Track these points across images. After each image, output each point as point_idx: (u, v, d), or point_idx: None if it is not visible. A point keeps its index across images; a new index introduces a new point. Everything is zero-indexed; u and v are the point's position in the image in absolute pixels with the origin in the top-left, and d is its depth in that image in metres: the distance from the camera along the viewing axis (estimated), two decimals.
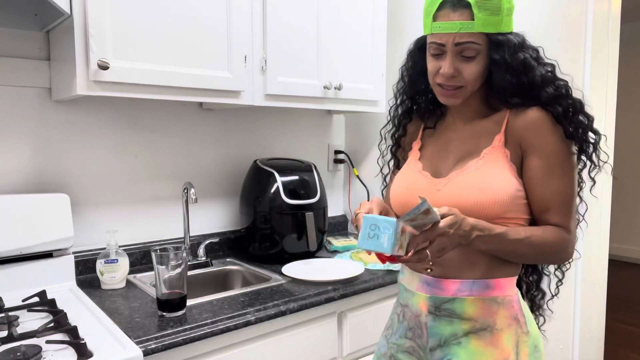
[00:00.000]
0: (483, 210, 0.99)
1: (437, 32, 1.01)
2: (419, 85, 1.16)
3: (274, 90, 1.61)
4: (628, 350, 3.12)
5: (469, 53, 1.00)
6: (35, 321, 1.17)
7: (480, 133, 1.08)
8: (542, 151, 1.01)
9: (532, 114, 1.02)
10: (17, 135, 1.45)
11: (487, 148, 1.04)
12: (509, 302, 1.03)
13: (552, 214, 1.02)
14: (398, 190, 1.13)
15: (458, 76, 1.02)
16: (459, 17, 0.98)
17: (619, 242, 5.21)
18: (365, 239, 0.87)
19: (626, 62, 4.28)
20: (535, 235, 0.99)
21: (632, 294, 4.21)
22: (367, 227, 0.86)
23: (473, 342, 1.02)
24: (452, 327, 1.04)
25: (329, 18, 1.73)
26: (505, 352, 1.00)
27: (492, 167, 1.02)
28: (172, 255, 1.19)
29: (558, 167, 1.01)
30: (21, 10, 1.27)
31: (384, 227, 0.85)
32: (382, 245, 0.85)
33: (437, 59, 1.04)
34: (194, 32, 1.41)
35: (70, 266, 1.45)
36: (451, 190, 1.03)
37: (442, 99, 1.07)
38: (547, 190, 1.01)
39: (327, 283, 1.46)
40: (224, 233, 1.88)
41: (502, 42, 1.00)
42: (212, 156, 1.85)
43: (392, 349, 1.14)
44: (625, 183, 5.16)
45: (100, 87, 1.27)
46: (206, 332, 1.16)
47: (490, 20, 0.98)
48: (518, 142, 1.03)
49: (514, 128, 1.04)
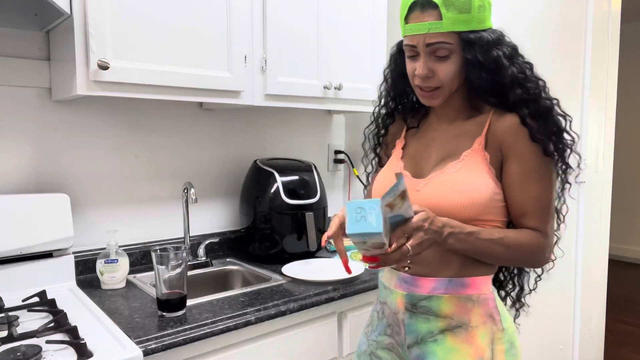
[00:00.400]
0: (460, 212, 1.00)
1: (409, 34, 1.03)
2: (401, 87, 1.18)
3: (274, 90, 1.61)
4: (628, 350, 3.12)
5: (442, 53, 1.01)
6: (35, 321, 1.17)
7: (462, 135, 1.08)
8: (521, 156, 1.02)
9: (512, 119, 1.03)
10: (17, 135, 1.45)
11: (467, 150, 1.05)
12: (484, 300, 1.05)
13: (529, 218, 1.03)
14: (379, 190, 1.14)
15: (433, 77, 1.03)
16: (427, 17, 0.99)
17: (619, 242, 5.21)
18: (353, 223, 0.85)
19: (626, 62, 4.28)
20: (509, 237, 1.00)
21: (632, 294, 4.21)
22: (353, 212, 0.86)
23: (449, 339, 1.03)
24: (429, 324, 1.05)
25: (329, 18, 1.73)
26: (480, 349, 1.02)
27: (471, 170, 1.02)
28: (172, 255, 1.19)
29: (535, 172, 1.02)
30: (21, 10, 1.27)
31: (369, 207, 0.85)
32: (371, 225, 0.84)
33: (412, 60, 1.06)
34: (194, 32, 1.41)
35: (70, 266, 1.46)
36: (430, 191, 1.04)
37: (423, 100, 1.08)
38: (525, 195, 1.02)
39: (327, 283, 1.46)
40: (224, 233, 1.88)
41: (474, 41, 1.00)
42: (212, 156, 1.85)
43: (372, 346, 1.15)
44: (625, 183, 5.16)
45: (100, 87, 1.27)
46: (206, 332, 1.16)
47: (460, 18, 0.99)
48: (498, 146, 1.04)
49: (495, 132, 1.04)
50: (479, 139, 1.05)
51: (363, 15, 1.83)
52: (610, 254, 2.78)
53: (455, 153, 1.07)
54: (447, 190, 1.02)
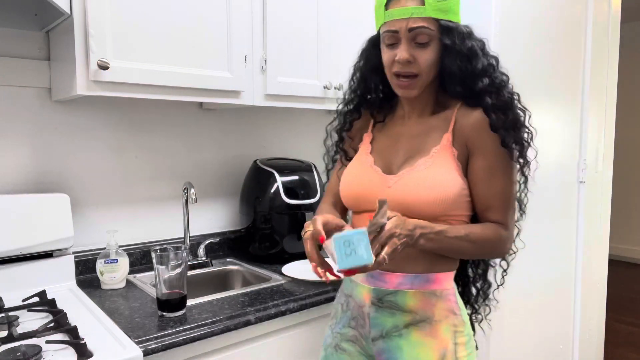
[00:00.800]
0: (431, 208, 1.03)
1: (390, 19, 1.04)
2: (371, 82, 1.18)
3: (274, 90, 1.61)
4: (628, 350, 3.12)
5: (423, 39, 1.03)
6: (35, 321, 1.17)
7: (430, 130, 1.11)
8: (486, 152, 1.05)
9: (478, 115, 1.06)
10: (17, 135, 1.45)
11: (436, 147, 1.08)
12: (447, 295, 1.08)
13: (492, 212, 1.07)
14: (350, 184, 1.14)
15: (414, 63, 1.04)
16: (410, 3, 1.02)
17: (619, 242, 5.21)
18: (343, 258, 0.86)
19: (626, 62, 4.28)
20: (474, 232, 1.04)
21: (632, 294, 4.21)
22: (341, 247, 0.86)
23: (414, 333, 1.06)
24: (394, 318, 1.07)
25: (329, 18, 1.73)
26: (444, 342, 1.05)
27: (441, 166, 1.05)
28: (172, 255, 1.19)
29: (500, 167, 1.06)
30: (21, 10, 1.27)
31: (357, 239, 0.85)
32: (362, 258, 0.85)
33: (392, 48, 1.06)
34: (194, 32, 1.41)
35: (70, 266, 1.46)
36: (401, 187, 1.06)
37: (399, 90, 1.09)
38: (490, 190, 1.06)
39: (327, 283, 1.46)
40: (224, 233, 1.88)
41: (452, 28, 1.04)
42: (212, 156, 1.85)
43: (337, 339, 1.16)
44: (625, 183, 5.16)
45: (100, 87, 1.27)
46: (206, 332, 1.16)
47: (440, 6, 1.02)
48: (465, 142, 1.07)
49: (462, 128, 1.08)
50: (446, 135, 1.08)
51: (363, 15, 1.83)
52: (610, 254, 2.78)
53: (424, 149, 1.09)
54: (418, 187, 1.04)
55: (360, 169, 1.15)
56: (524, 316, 2.06)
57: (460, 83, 1.08)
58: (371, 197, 1.09)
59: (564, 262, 2.29)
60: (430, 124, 1.12)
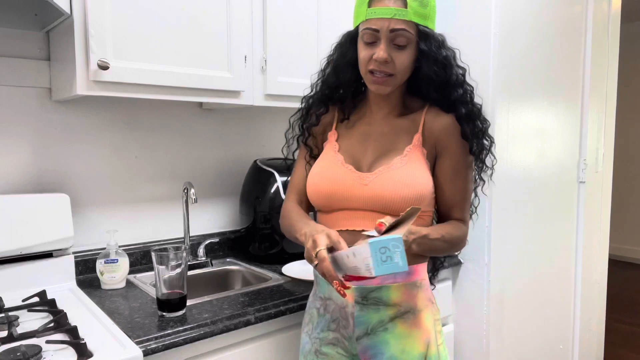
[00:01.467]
0: (407, 205, 1.05)
1: (373, 17, 1.05)
2: (345, 76, 1.17)
3: (274, 90, 1.61)
4: (628, 350, 3.12)
5: (401, 41, 1.04)
6: (35, 321, 1.17)
7: (399, 130, 1.14)
8: (454, 153, 1.11)
9: (448, 120, 1.11)
10: (17, 135, 1.45)
11: (409, 146, 1.11)
12: (425, 285, 1.13)
13: (456, 209, 1.15)
14: (321, 182, 1.14)
15: (390, 63, 1.06)
16: (393, 3, 1.03)
17: (619, 242, 5.21)
18: (380, 264, 0.84)
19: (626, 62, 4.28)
20: (448, 233, 1.10)
21: (632, 294, 4.21)
22: (377, 252, 0.84)
23: (399, 326, 1.08)
24: (379, 314, 1.09)
25: (329, 18, 1.72)
26: (427, 332, 1.09)
27: (415, 165, 1.09)
28: (172, 255, 1.19)
29: (463, 168, 1.13)
30: (21, 10, 1.27)
31: (394, 245, 0.84)
32: (398, 265, 0.84)
33: (370, 46, 1.07)
34: (194, 32, 1.41)
35: (70, 266, 1.46)
36: (379, 185, 1.07)
37: (373, 86, 1.10)
38: (455, 189, 1.13)
39: None
40: (224, 233, 1.88)
41: (430, 35, 1.06)
42: (212, 156, 1.85)
43: (316, 344, 1.16)
44: (625, 183, 5.16)
45: (100, 87, 1.27)
46: (206, 332, 1.16)
47: (420, 11, 1.04)
48: (434, 143, 1.12)
49: (431, 130, 1.12)
50: (417, 135, 1.12)
51: None
52: (610, 254, 2.78)
53: (395, 148, 1.11)
54: (396, 185, 1.06)
55: (331, 167, 1.14)
56: (524, 316, 2.06)
57: (435, 90, 1.11)
58: (346, 195, 1.10)
59: (564, 262, 2.29)
60: (398, 125, 1.15)
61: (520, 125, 1.94)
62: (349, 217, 1.11)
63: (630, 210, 5.21)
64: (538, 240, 2.10)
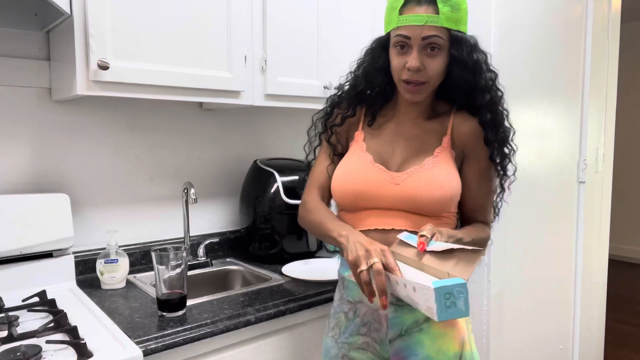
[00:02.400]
0: (438, 205, 1.06)
1: (404, 24, 1.04)
2: (376, 82, 1.17)
3: (274, 90, 1.61)
4: (628, 350, 3.12)
5: (433, 48, 1.04)
6: (35, 321, 1.17)
7: (428, 132, 1.14)
8: (481, 157, 1.12)
9: (475, 124, 1.11)
10: (17, 135, 1.45)
11: (439, 148, 1.11)
12: None
13: (480, 212, 1.16)
14: (350, 180, 1.13)
15: (423, 70, 1.05)
16: (425, 10, 1.03)
17: (619, 242, 5.21)
18: (444, 310, 0.82)
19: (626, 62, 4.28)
20: (478, 236, 1.10)
21: (632, 294, 4.21)
22: (442, 298, 0.82)
23: (434, 325, 1.07)
24: (414, 314, 1.08)
25: (329, 18, 1.73)
26: (461, 331, 1.08)
27: (445, 166, 1.09)
28: (172, 255, 1.19)
29: (488, 172, 1.14)
30: (21, 10, 1.27)
31: (458, 292, 0.82)
32: (461, 311, 0.82)
33: (402, 53, 1.07)
34: (194, 32, 1.41)
35: (70, 266, 1.46)
36: (411, 185, 1.07)
37: (407, 94, 1.10)
38: (480, 192, 1.15)
39: (327, 283, 1.46)
40: (224, 233, 1.88)
41: (462, 40, 1.05)
42: (212, 156, 1.85)
43: (344, 348, 1.15)
44: (625, 183, 5.16)
45: (100, 87, 1.27)
46: (206, 332, 1.16)
47: (452, 16, 1.03)
48: (462, 147, 1.12)
49: (459, 133, 1.12)
50: (446, 138, 1.12)
51: (363, 15, 1.83)
52: (610, 254, 2.78)
53: (426, 149, 1.12)
54: (429, 185, 1.06)
55: (360, 166, 1.13)
56: (524, 316, 2.06)
57: (463, 94, 1.11)
58: (376, 194, 1.09)
59: (564, 262, 2.29)
60: (427, 127, 1.15)
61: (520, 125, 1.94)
62: (377, 216, 1.10)
63: (630, 210, 5.21)
64: (538, 240, 2.10)
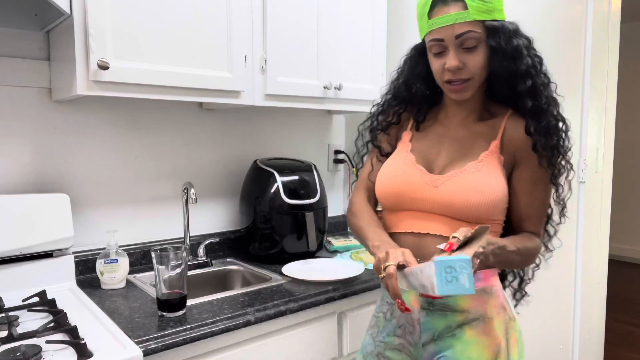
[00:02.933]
0: (477, 211, 1.03)
1: (435, 27, 1.02)
2: (417, 89, 1.17)
3: (274, 90, 1.61)
4: (628, 350, 3.12)
5: (470, 43, 1.02)
6: (35, 321, 1.17)
7: (476, 135, 1.11)
8: (533, 164, 1.07)
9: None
10: (17, 135, 1.45)
11: (485, 152, 1.07)
12: (496, 292, 1.09)
13: (531, 222, 1.11)
14: (390, 181, 1.13)
15: (464, 68, 1.03)
16: (453, 9, 1.01)
17: (619, 242, 5.21)
18: (444, 284, 0.82)
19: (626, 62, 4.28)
20: (524, 246, 1.06)
21: (632, 294, 4.21)
22: (442, 272, 0.82)
23: (467, 332, 1.05)
24: (446, 320, 1.06)
25: (329, 18, 1.73)
26: (497, 339, 1.05)
27: (490, 171, 1.05)
28: (172, 255, 1.19)
29: (542, 180, 1.09)
30: (21, 10, 1.27)
31: (460, 267, 0.81)
32: (464, 287, 0.82)
33: (440, 56, 1.05)
34: (194, 32, 1.41)
35: (70, 266, 1.46)
36: (450, 188, 1.05)
37: (453, 95, 1.08)
38: (532, 201, 1.09)
39: (327, 283, 1.46)
40: (224, 233, 1.88)
41: (498, 28, 1.02)
42: (212, 156, 1.85)
43: (380, 347, 1.15)
44: (625, 183, 5.16)
45: (100, 87, 1.27)
46: (206, 332, 1.16)
47: (483, 7, 1.01)
48: (513, 152, 1.08)
49: (511, 138, 1.08)
50: (495, 142, 1.08)
51: (363, 15, 1.83)
52: (610, 254, 2.78)
53: (471, 153, 1.08)
54: (468, 190, 1.03)
55: (402, 166, 1.13)
56: (524, 316, 2.06)
57: (505, 83, 1.07)
58: (414, 196, 1.08)
59: (564, 262, 2.29)
60: (476, 130, 1.11)
61: None
62: (414, 218, 1.09)
63: (630, 210, 5.21)
64: None
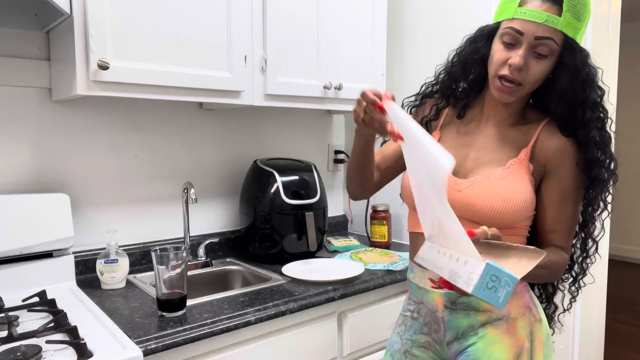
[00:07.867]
0: (499, 218, 1.01)
1: (521, 17, 0.97)
2: (473, 73, 1.11)
3: (274, 90, 1.61)
4: (628, 350, 3.12)
5: (544, 50, 0.98)
6: (35, 321, 1.17)
7: (507, 141, 1.08)
8: (565, 178, 1.04)
9: (565, 142, 1.03)
10: (17, 135, 1.45)
11: (513, 159, 1.05)
12: (521, 292, 1.07)
13: (558, 236, 1.06)
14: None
15: (524, 71, 0.99)
16: (547, 8, 0.96)
17: (619, 242, 5.21)
18: (482, 288, 0.80)
19: (626, 62, 4.28)
20: (550, 260, 1.01)
21: (632, 294, 4.21)
22: (487, 277, 0.80)
23: (490, 331, 1.05)
24: (469, 319, 1.07)
25: (329, 18, 1.73)
26: (520, 340, 1.04)
27: (516, 180, 1.03)
28: (172, 255, 1.19)
29: (573, 194, 1.05)
30: (21, 10, 1.27)
31: (506, 282, 0.80)
32: (497, 300, 0.80)
33: (508, 49, 1.00)
34: (194, 32, 1.41)
35: (70, 266, 1.46)
36: (473, 193, 1.03)
37: (497, 92, 1.03)
38: (560, 214, 1.05)
39: (327, 283, 1.46)
40: (224, 233, 1.88)
41: (577, 48, 0.99)
42: (212, 156, 1.85)
43: (407, 345, 1.16)
44: (625, 183, 5.16)
45: (100, 87, 1.27)
46: (206, 332, 1.16)
47: (573, 23, 0.97)
48: (544, 163, 1.05)
49: (544, 148, 1.05)
50: (525, 150, 1.06)
51: (363, 15, 1.83)
52: (610, 254, 2.78)
53: (499, 159, 1.06)
54: (491, 197, 1.01)
55: None
56: None
57: (567, 106, 1.02)
58: None
59: None
60: (507, 135, 1.08)
61: None
62: None
63: (630, 210, 5.21)
64: None
